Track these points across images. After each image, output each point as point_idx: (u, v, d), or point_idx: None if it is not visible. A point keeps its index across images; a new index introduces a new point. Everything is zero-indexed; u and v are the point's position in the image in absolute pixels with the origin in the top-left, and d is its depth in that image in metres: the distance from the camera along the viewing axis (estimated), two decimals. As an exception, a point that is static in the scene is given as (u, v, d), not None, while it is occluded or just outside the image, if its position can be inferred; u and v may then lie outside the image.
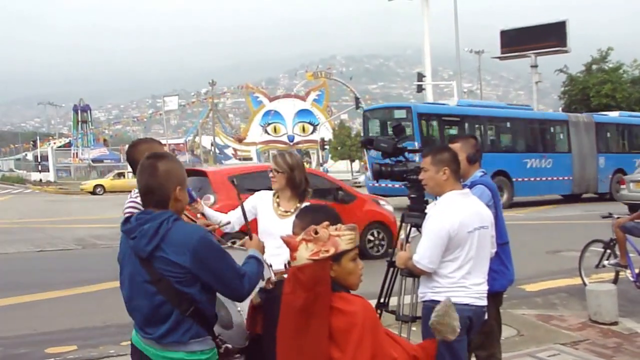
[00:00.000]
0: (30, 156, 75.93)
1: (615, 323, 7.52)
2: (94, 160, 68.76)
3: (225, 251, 3.11)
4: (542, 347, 6.65)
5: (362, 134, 34.15)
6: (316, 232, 2.77)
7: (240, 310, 3.58)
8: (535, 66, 47.93)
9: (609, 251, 9.47)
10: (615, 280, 9.26)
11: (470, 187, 4.80)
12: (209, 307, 3.08)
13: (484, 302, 4.28)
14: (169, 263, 2.94)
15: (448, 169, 4.25)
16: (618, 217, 9.31)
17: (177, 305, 2.97)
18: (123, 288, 3.16)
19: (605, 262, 9.49)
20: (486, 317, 4.38)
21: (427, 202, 5.01)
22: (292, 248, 2.77)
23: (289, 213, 4.71)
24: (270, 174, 4.85)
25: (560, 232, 17.00)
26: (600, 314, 7.62)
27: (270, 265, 4.37)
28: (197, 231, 3.02)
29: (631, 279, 8.98)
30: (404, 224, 5.18)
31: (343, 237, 2.80)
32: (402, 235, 5.16)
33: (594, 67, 42.83)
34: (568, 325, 7.52)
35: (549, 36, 47.01)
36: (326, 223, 2.86)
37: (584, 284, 9.22)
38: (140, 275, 3.01)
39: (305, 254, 2.73)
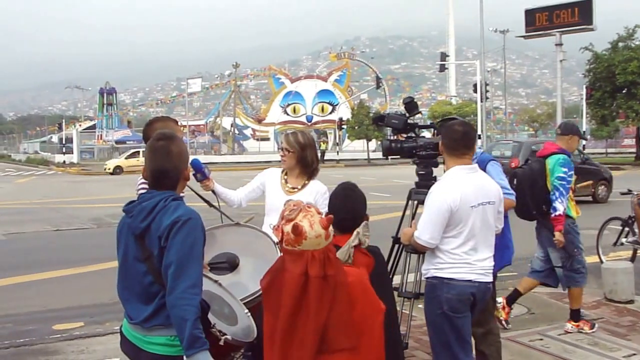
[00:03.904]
0: (55, 138, 76.47)
1: (631, 301, 7.38)
2: (117, 142, 69.11)
3: (200, 249, 2.95)
4: (553, 325, 6.54)
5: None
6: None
7: (247, 313, 3.57)
8: (560, 44, 47.29)
9: (627, 229, 9.30)
10: (632, 258, 9.08)
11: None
12: None
13: (489, 279, 4.20)
14: (155, 239, 2.92)
15: (441, 145, 4.28)
16: (637, 194, 9.12)
17: (162, 284, 2.92)
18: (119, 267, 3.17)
19: (623, 240, 9.34)
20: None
21: (435, 179, 4.93)
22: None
23: (295, 190, 4.79)
24: (280, 153, 4.82)
25: (577, 210, 16.68)
26: (615, 292, 7.47)
27: (277, 243, 4.28)
28: (186, 212, 2.95)
29: (649, 256, 8.82)
30: (410, 201, 5.12)
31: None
32: (408, 212, 5.10)
33: (620, 44, 42.06)
34: (582, 304, 7.35)
35: (575, 14, 46.35)
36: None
37: (601, 261, 9.05)
38: (133, 253, 3.02)
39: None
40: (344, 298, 2.77)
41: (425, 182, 5.02)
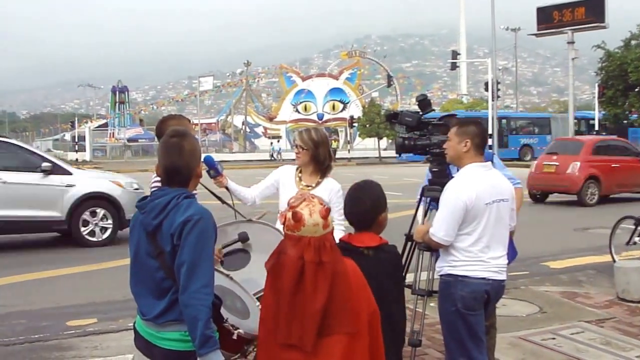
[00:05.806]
0: (68, 137, 76.95)
1: (643, 301, 7.33)
2: (129, 140, 69.53)
3: (212, 248, 2.99)
4: (566, 324, 6.51)
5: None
6: None
7: (259, 307, 3.54)
8: (572, 42, 47.07)
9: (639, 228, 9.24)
10: (645, 258, 9.03)
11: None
12: None
13: (503, 276, 4.22)
14: (167, 236, 2.94)
15: (470, 141, 4.19)
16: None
17: (174, 280, 2.94)
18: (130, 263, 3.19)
19: (636, 239, 9.28)
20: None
21: (448, 177, 4.93)
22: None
23: (310, 187, 4.80)
24: (295, 150, 4.85)
25: (589, 209, 16.66)
26: (628, 291, 7.45)
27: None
28: (198, 211, 2.96)
29: (662, 256, 8.77)
30: (423, 198, 5.14)
31: None
32: (421, 209, 5.11)
33: (633, 42, 41.84)
34: (594, 303, 7.35)
35: (587, 12, 46.11)
36: None
37: (614, 260, 9.01)
38: (145, 249, 3.03)
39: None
40: (343, 285, 2.87)
41: (439, 179, 5.03)
